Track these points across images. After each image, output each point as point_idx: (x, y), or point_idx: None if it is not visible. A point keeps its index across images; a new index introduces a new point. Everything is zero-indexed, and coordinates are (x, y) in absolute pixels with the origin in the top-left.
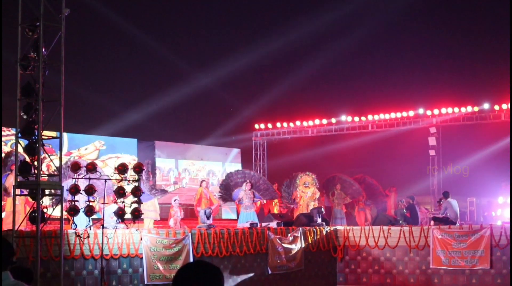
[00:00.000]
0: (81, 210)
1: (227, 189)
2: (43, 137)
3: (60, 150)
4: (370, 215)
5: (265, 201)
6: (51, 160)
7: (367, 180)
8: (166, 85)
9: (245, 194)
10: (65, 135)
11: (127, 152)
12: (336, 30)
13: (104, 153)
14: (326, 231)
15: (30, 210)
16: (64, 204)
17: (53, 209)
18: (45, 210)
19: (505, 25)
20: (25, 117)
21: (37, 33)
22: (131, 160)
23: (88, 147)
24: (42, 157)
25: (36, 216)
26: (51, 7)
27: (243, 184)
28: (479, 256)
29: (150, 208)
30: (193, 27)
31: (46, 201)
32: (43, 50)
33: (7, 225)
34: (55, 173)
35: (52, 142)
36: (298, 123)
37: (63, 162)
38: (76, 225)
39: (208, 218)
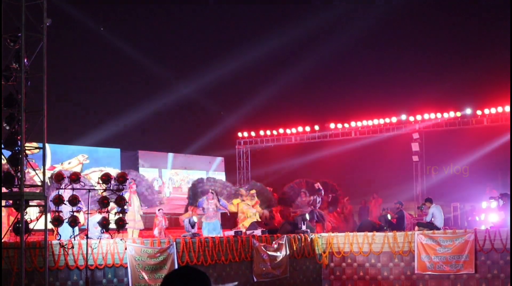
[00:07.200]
0: (65, 221)
1: (194, 196)
2: (26, 148)
3: (44, 159)
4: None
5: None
6: (36, 174)
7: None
8: (149, 94)
9: (208, 204)
10: (48, 147)
11: (110, 165)
12: (318, 37)
13: (87, 166)
14: (311, 238)
15: (14, 221)
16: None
17: (37, 220)
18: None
19: (487, 32)
20: (7, 128)
21: (19, 44)
22: (114, 173)
23: (71, 161)
24: (26, 171)
25: (20, 227)
26: (33, 17)
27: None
28: (464, 260)
29: (130, 217)
30: (175, 36)
31: (33, 213)
32: (25, 60)
33: None
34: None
35: (35, 156)
36: (281, 130)
37: (46, 177)
38: (60, 235)
39: (192, 227)
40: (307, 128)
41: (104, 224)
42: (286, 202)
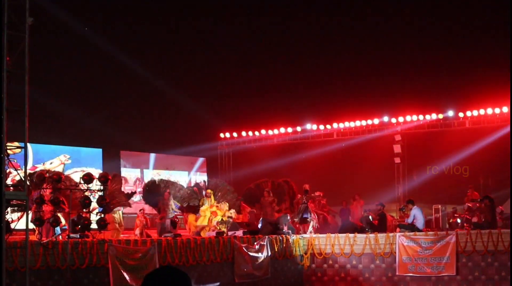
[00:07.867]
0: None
1: (150, 195)
2: (8, 147)
3: (25, 158)
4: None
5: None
6: (18, 174)
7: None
8: (130, 93)
9: (163, 203)
10: (29, 147)
11: (92, 165)
12: (300, 39)
13: (69, 167)
14: (292, 239)
15: None
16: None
17: (18, 220)
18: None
19: (468, 33)
20: None
21: (1, 42)
22: (96, 173)
23: (53, 161)
24: (7, 171)
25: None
26: (15, 16)
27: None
28: (445, 262)
29: (118, 220)
30: (157, 35)
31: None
32: (7, 59)
33: None
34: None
35: (17, 156)
36: (263, 132)
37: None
38: (41, 235)
39: (174, 227)
40: (289, 129)
41: (85, 224)
42: (250, 201)
